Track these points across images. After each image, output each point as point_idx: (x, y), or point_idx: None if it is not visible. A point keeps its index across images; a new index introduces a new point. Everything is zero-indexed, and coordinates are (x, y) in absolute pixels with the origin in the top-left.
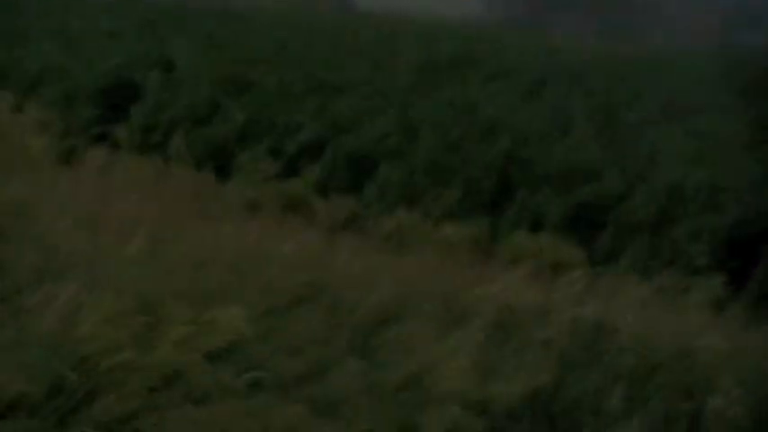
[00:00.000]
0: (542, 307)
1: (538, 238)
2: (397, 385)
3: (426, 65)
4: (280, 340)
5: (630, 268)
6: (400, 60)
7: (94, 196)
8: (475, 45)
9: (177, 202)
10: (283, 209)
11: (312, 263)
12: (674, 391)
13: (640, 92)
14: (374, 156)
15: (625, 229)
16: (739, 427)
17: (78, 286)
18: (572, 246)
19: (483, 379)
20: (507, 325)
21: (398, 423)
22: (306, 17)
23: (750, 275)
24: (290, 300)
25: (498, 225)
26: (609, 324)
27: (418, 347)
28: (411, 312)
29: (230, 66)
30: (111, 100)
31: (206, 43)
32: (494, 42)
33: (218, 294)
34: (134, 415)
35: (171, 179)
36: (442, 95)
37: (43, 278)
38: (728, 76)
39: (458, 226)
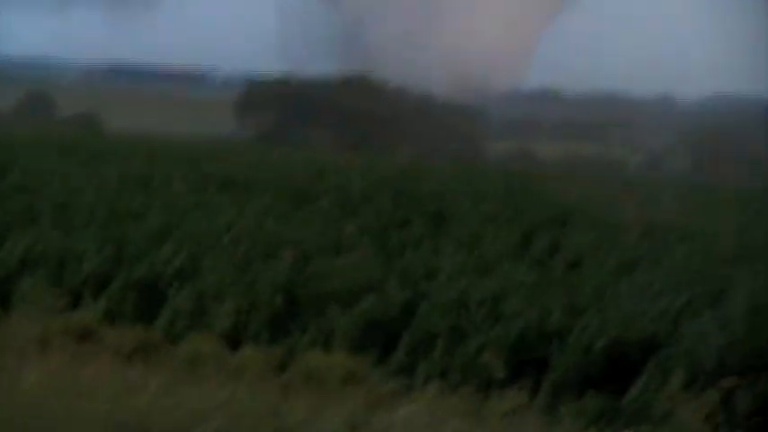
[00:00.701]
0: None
1: (330, 356)
2: None
3: (197, 185)
4: None
5: (425, 383)
6: (173, 182)
7: None
8: (239, 163)
9: None
10: (73, 341)
11: (114, 397)
12: None
13: (411, 204)
14: (162, 281)
15: (417, 344)
16: None
17: None
18: (366, 363)
19: None
20: None
21: None
22: (65, 140)
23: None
24: None
25: (292, 345)
26: None
27: None
28: None
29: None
30: None
31: None
32: (256, 159)
33: None
34: None
35: None
36: (219, 216)
37: None
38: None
39: (252, 350)
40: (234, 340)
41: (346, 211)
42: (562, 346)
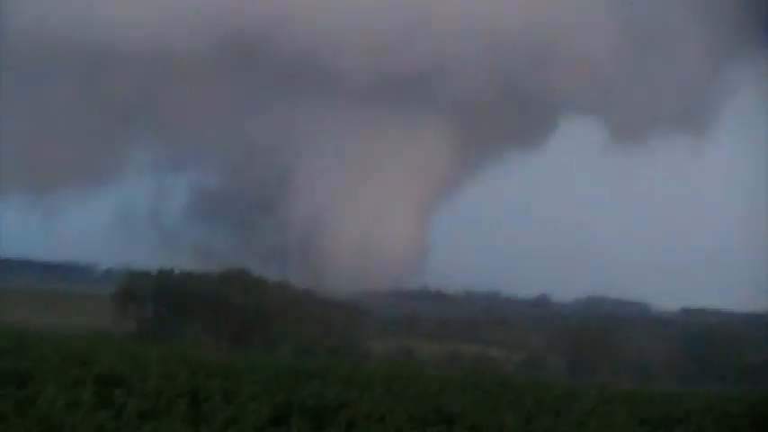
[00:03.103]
0: None
1: None
2: None
3: (73, 383)
4: None
5: None
6: (48, 380)
7: None
8: (118, 361)
9: None
10: None
11: None
12: None
13: (291, 403)
14: None
15: None
16: None
17: None
18: None
19: None
20: None
21: None
22: None
23: None
24: None
25: None
26: None
27: None
28: None
29: None
30: None
31: None
32: (137, 358)
33: None
34: None
35: None
36: (96, 417)
37: None
38: None
39: None
40: None
41: (227, 412)
42: None
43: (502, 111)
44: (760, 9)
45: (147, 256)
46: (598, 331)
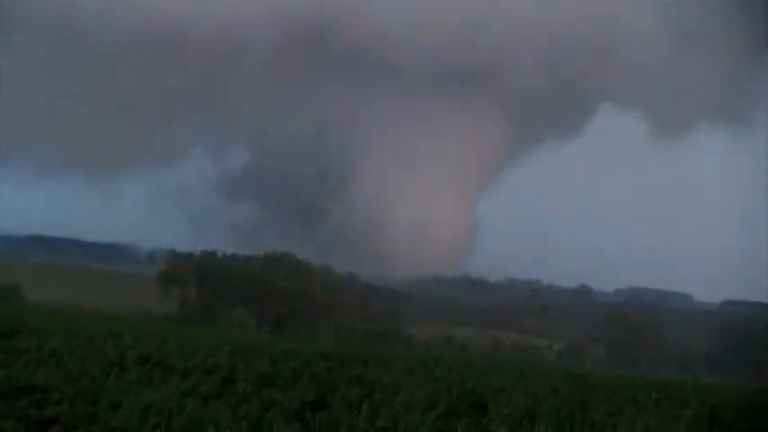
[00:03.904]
0: None
1: None
2: None
3: (114, 364)
4: None
5: None
6: (92, 359)
7: None
8: (161, 342)
9: None
10: None
11: None
12: None
13: (331, 388)
14: None
15: None
16: None
17: None
18: None
19: None
20: None
21: None
22: None
23: None
24: None
25: None
26: None
27: None
28: None
29: None
30: None
31: None
32: (180, 340)
33: None
34: None
35: None
36: (136, 398)
37: None
38: None
39: None
40: None
41: (267, 394)
42: None
43: (550, 103)
44: None
45: (200, 238)
46: (639, 321)
